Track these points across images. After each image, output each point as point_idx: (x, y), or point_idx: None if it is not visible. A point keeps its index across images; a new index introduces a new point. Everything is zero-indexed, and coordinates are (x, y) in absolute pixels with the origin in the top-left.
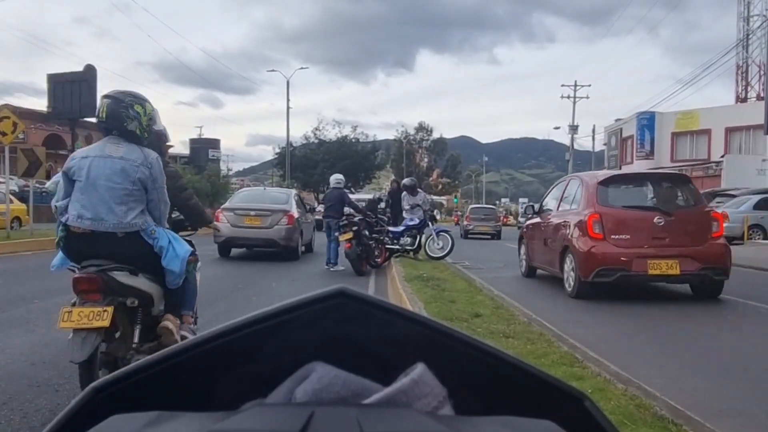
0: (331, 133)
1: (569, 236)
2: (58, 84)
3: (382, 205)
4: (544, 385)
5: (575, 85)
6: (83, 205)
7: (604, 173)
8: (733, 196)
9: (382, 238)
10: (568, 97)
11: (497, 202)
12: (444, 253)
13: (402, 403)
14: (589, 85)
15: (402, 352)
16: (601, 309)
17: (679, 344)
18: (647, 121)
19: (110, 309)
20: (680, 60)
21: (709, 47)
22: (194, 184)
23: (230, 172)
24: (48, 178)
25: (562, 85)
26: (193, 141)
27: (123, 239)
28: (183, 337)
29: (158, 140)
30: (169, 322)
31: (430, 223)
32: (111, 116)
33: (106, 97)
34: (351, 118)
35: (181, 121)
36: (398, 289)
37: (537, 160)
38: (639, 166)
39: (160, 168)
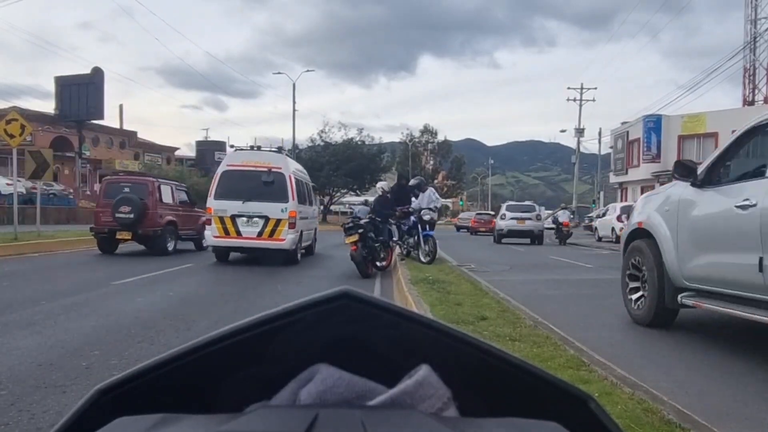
0: (337, 136)
1: None
2: (65, 86)
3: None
4: (549, 386)
5: (581, 88)
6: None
7: None
8: None
9: (387, 240)
10: (575, 99)
11: (502, 204)
12: (430, 258)
13: (406, 404)
14: (596, 88)
15: (406, 353)
16: (608, 313)
17: (686, 348)
18: (654, 124)
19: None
20: (685, 63)
21: (716, 51)
22: (200, 186)
23: None
24: (55, 179)
25: (569, 88)
26: (199, 143)
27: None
28: None
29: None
30: None
31: (419, 228)
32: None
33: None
34: (354, 120)
35: (186, 124)
36: (404, 291)
37: (543, 162)
38: (645, 169)
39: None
